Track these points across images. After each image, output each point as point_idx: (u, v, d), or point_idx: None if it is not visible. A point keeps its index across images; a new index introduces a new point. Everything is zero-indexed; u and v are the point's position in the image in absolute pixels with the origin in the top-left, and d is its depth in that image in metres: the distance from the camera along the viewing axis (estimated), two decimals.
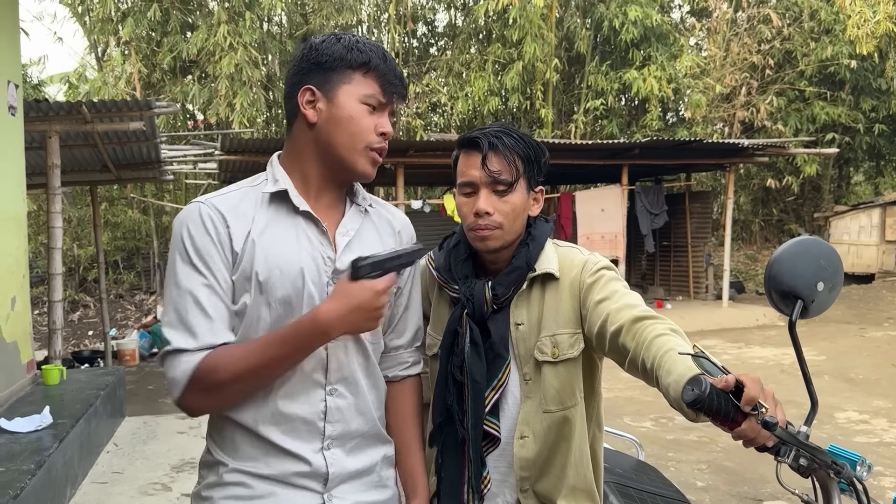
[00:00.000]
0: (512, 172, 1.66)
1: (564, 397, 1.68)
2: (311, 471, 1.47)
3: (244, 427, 1.46)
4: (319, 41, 1.51)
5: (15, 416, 4.37)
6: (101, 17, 15.59)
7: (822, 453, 1.28)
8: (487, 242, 1.68)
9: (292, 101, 1.52)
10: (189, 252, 1.42)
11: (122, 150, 8.48)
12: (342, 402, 1.51)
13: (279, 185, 1.50)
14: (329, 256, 1.50)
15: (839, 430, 6.09)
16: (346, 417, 1.51)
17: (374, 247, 1.56)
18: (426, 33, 19.64)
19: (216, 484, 1.48)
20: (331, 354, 1.49)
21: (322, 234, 1.50)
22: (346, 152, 1.49)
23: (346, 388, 1.52)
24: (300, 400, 1.47)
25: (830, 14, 16.68)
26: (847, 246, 17.20)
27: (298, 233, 1.49)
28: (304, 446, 1.47)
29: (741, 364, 9.02)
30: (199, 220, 1.44)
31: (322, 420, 1.48)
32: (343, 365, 1.51)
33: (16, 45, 5.34)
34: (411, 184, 16.37)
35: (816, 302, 1.42)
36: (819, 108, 17.28)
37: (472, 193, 1.68)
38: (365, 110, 1.48)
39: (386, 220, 1.64)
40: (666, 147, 12.25)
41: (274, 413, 1.46)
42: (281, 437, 1.46)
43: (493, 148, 1.66)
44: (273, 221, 1.48)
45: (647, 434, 6.04)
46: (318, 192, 1.54)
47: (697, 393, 1.20)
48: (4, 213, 4.94)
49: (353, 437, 1.53)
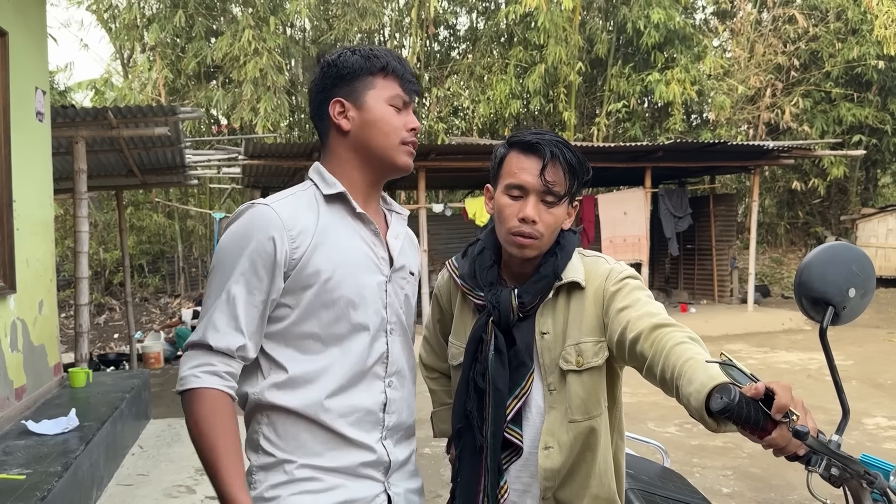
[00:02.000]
0: (565, 186, 1.66)
1: (590, 406, 1.66)
2: (375, 459, 1.55)
3: (309, 420, 1.50)
4: (336, 57, 1.59)
5: (42, 419, 4.42)
6: (127, 23, 15.79)
7: (855, 463, 1.26)
8: (525, 251, 1.67)
9: (323, 116, 1.59)
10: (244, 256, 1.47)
11: (148, 155, 8.56)
12: (397, 394, 1.60)
13: (337, 188, 1.57)
14: (383, 257, 1.60)
15: (868, 437, 5.99)
16: (399, 409, 1.61)
17: (411, 253, 1.71)
18: (448, 37, 19.66)
19: (286, 482, 1.50)
20: (390, 347, 1.60)
21: (375, 235, 1.60)
22: (384, 151, 1.57)
23: (399, 380, 1.62)
24: (365, 391, 1.55)
25: (857, 14, 16.47)
26: (874, 249, 16.92)
27: (356, 235, 1.57)
28: (368, 436, 1.54)
29: (767, 369, 8.91)
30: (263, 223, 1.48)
31: (382, 411, 1.57)
32: (397, 359, 1.61)
33: (44, 52, 5.41)
34: (432, 187, 16.38)
35: (848, 308, 1.40)
36: (845, 109, 17.06)
37: (520, 197, 1.67)
38: (392, 111, 1.57)
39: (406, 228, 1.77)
40: (689, 149, 12.15)
41: (342, 405, 1.51)
42: (348, 427, 1.52)
43: (553, 158, 1.64)
44: (334, 223, 1.55)
45: (672, 440, 5.99)
46: (364, 197, 1.61)
47: (726, 401, 1.18)
48: (32, 217, 5.00)
49: (401, 428, 1.63)
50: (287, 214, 1.50)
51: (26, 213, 4.83)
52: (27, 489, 3.34)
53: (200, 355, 1.46)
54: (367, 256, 1.57)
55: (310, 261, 1.49)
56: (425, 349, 2.08)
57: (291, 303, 1.51)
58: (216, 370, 1.46)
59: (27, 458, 3.81)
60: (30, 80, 4.96)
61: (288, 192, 1.59)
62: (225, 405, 1.45)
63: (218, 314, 1.47)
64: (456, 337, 1.82)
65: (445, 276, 1.89)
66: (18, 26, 4.74)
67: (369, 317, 1.55)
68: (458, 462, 1.75)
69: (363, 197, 1.61)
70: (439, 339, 2.00)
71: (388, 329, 1.59)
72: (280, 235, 1.47)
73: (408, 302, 1.67)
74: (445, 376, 2.00)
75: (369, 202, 1.63)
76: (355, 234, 1.57)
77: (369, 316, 1.55)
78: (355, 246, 1.56)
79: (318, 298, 1.50)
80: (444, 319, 1.94)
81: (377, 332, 1.57)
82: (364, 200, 1.61)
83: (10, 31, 4.51)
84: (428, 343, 2.07)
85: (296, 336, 1.52)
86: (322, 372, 1.51)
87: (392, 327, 1.61)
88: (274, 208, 1.50)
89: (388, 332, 1.59)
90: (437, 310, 1.97)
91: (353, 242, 1.56)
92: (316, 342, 1.52)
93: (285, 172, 11.31)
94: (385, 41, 18.50)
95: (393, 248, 1.63)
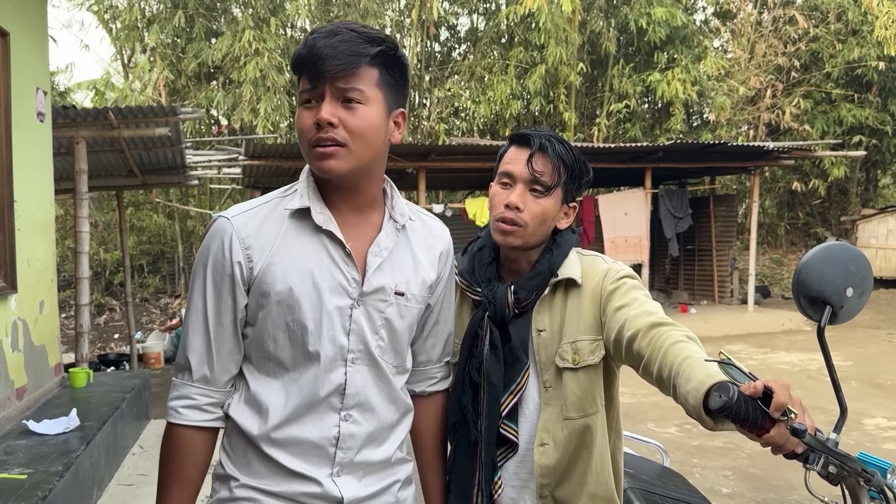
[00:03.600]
0: (553, 177, 1.67)
1: (585, 404, 1.67)
2: (322, 492, 1.43)
3: (255, 444, 1.43)
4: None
5: (43, 419, 4.42)
6: (128, 24, 15.79)
7: (852, 461, 1.26)
8: (508, 238, 1.69)
9: None
10: (207, 272, 1.42)
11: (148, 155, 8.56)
12: (356, 428, 1.46)
13: (303, 202, 1.43)
14: (354, 278, 1.43)
15: (867, 437, 5.99)
16: (358, 445, 1.46)
17: (407, 266, 1.51)
18: (448, 38, 19.67)
19: (228, 499, 1.46)
20: (349, 378, 1.44)
21: (345, 254, 1.43)
22: (306, 158, 1.42)
23: (361, 414, 1.46)
24: (314, 424, 1.43)
25: (858, 15, 16.49)
26: (875, 250, 16.93)
27: (321, 252, 1.42)
28: (314, 470, 1.43)
29: (767, 370, 8.91)
30: (218, 240, 1.41)
31: (334, 446, 1.44)
32: (360, 391, 1.46)
33: (44, 52, 5.42)
34: (433, 188, 16.37)
35: (846, 308, 1.40)
36: (846, 110, 17.08)
37: (509, 186, 1.70)
38: (304, 111, 1.39)
39: (424, 233, 1.58)
40: (690, 150, 12.15)
41: (283, 435, 1.42)
42: (290, 459, 1.42)
43: (542, 149, 1.67)
44: (295, 239, 1.42)
45: (672, 440, 5.99)
46: (345, 205, 1.46)
47: (725, 399, 1.19)
48: (33, 217, 5.01)
49: (366, 464, 1.48)
50: (246, 227, 1.41)
51: (27, 213, 4.83)
52: (28, 489, 3.35)
53: (182, 385, 1.44)
54: (330, 277, 1.41)
55: (264, 280, 1.39)
56: None
57: (251, 320, 1.43)
58: (197, 403, 1.43)
59: (28, 457, 3.82)
60: (31, 80, 4.97)
61: (260, 200, 1.48)
62: (196, 446, 1.43)
63: (193, 337, 1.43)
64: (455, 334, 1.83)
65: None
66: (20, 27, 4.75)
67: (323, 345, 1.41)
68: (453, 456, 1.76)
69: (343, 206, 1.46)
70: None
71: (347, 358, 1.44)
72: (237, 250, 1.40)
73: (389, 326, 1.48)
74: None
75: (356, 212, 1.48)
76: (319, 252, 1.42)
77: (323, 344, 1.41)
78: (316, 266, 1.41)
79: (271, 321, 1.41)
80: None
81: (332, 361, 1.42)
82: (348, 211, 1.47)
83: (11, 32, 4.52)
84: None
85: (255, 356, 1.45)
86: (272, 397, 1.43)
87: (355, 356, 1.44)
88: (233, 221, 1.41)
89: (347, 362, 1.44)
90: None
91: (315, 262, 1.41)
92: (271, 364, 1.44)
93: (285, 173, 11.31)
94: None
95: (369, 267, 1.45)
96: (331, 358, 1.42)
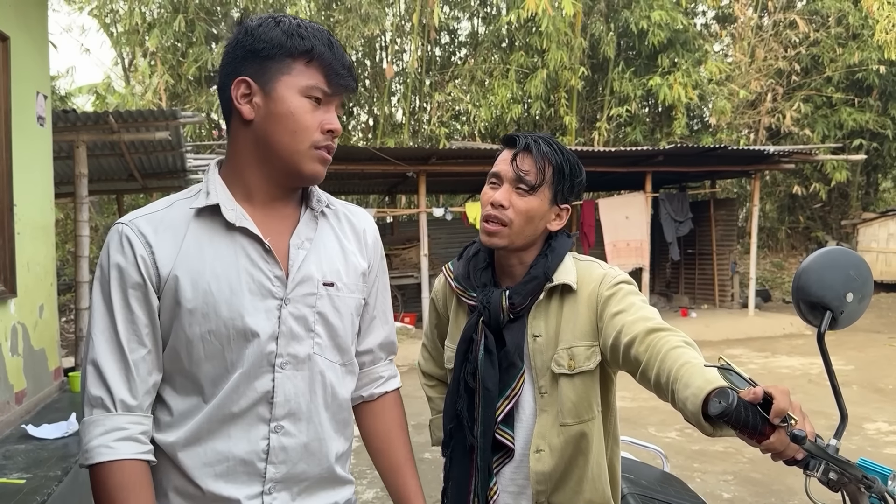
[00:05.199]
0: (538, 177, 1.67)
1: (581, 410, 1.67)
2: None
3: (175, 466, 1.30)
4: (256, 25, 1.31)
5: (42, 423, 4.41)
6: (128, 28, 15.82)
7: (853, 467, 1.26)
8: (493, 238, 1.69)
9: (226, 95, 1.33)
10: (111, 286, 1.27)
11: (149, 159, 8.58)
12: (289, 440, 1.32)
13: (210, 199, 1.31)
14: (277, 275, 1.32)
15: (868, 442, 5.98)
16: (292, 458, 1.33)
17: (334, 255, 1.41)
18: (449, 42, 19.69)
19: None
20: (278, 385, 1.31)
21: (265, 251, 1.31)
22: (288, 154, 1.31)
23: (294, 424, 1.33)
24: (239, 437, 1.30)
25: (858, 19, 16.50)
26: (875, 254, 16.92)
27: (237, 252, 1.30)
28: (240, 490, 1.29)
29: (768, 374, 8.90)
30: (118, 246, 1.28)
31: (263, 461, 1.31)
32: (291, 398, 1.32)
33: (45, 56, 5.42)
34: (433, 192, 16.38)
35: (846, 313, 1.40)
36: (846, 113, 17.08)
37: (497, 185, 1.71)
38: (307, 104, 1.30)
39: (346, 220, 1.47)
40: (690, 154, 12.15)
41: (208, 452, 1.29)
42: (211, 480, 1.29)
43: (526, 148, 1.68)
44: (205, 241, 1.30)
45: (672, 444, 5.98)
46: (265, 200, 1.36)
47: (725, 405, 1.18)
48: (33, 221, 5.01)
49: (301, 479, 1.35)
50: (148, 231, 1.29)
51: (27, 216, 4.83)
52: (27, 493, 3.34)
53: (106, 418, 1.25)
54: (249, 279, 1.29)
55: (174, 287, 1.27)
56: (424, 356, 2.08)
57: (164, 331, 1.30)
58: (130, 434, 1.25)
59: (27, 462, 3.81)
60: (31, 84, 4.97)
61: (161, 203, 1.36)
62: (144, 477, 1.25)
63: (106, 362, 1.26)
64: (451, 340, 1.83)
65: (441, 281, 1.90)
66: (20, 30, 4.75)
67: (246, 353, 1.29)
68: (449, 462, 1.76)
69: (262, 201, 1.35)
70: (437, 345, 2.00)
71: (276, 364, 1.31)
72: (141, 255, 1.27)
73: (325, 321, 1.37)
74: (443, 384, 2.00)
75: (272, 206, 1.37)
76: (235, 252, 1.30)
77: (246, 352, 1.29)
78: (233, 268, 1.29)
79: (183, 332, 1.27)
80: (441, 324, 1.95)
81: (256, 368, 1.29)
82: (264, 205, 1.35)
83: (11, 36, 4.52)
84: (426, 350, 2.07)
85: (169, 369, 1.31)
86: (188, 413, 1.30)
87: (285, 361, 1.32)
88: (133, 226, 1.29)
89: (276, 368, 1.31)
90: (434, 315, 1.97)
91: (230, 264, 1.29)
92: (187, 380, 1.30)
93: None
94: (386, 46, 18.54)
95: (293, 262, 1.33)
96: (255, 364, 1.29)
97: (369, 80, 18.43)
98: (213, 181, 1.34)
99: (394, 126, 18.49)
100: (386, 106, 18.36)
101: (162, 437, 1.30)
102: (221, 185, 1.34)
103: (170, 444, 1.29)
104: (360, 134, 19.63)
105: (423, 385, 2.07)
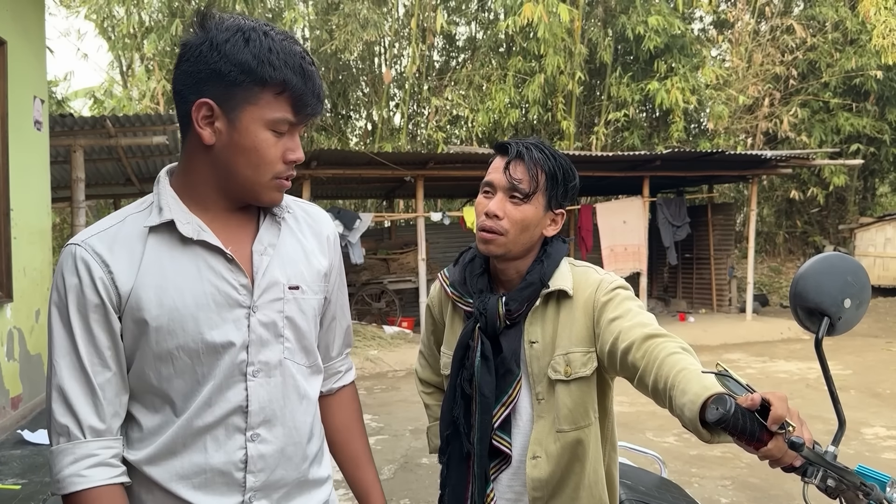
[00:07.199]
0: (531, 184, 1.66)
1: (578, 417, 1.66)
2: None
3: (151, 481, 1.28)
4: (223, 39, 1.23)
5: (38, 428, 4.41)
6: (125, 33, 15.82)
7: (851, 474, 1.25)
8: (489, 246, 1.68)
9: (185, 109, 1.26)
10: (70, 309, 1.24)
11: (146, 163, 8.58)
12: (266, 448, 1.32)
13: (164, 215, 1.27)
14: (243, 284, 1.29)
15: (866, 447, 5.97)
16: (270, 465, 1.32)
17: (297, 258, 1.38)
18: (446, 47, 19.72)
19: None
20: (251, 394, 1.30)
21: (227, 260, 1.28)
22: (249, 185, 1.28)
23: (270, 431, 1.32)
24: (213, 448, 1.28)
25: (855, 24, 16.54)
26: (873, 258, 16.94)
27: (199, 265, 1.27)
28: (219, 501, 1.29)
29: (766, 378, 8.90)
30: (73, 269, 1.24)
31: (241, 470, 1.29)
32: (266, 406, 1.32)
33: (42, 61, 5.42)
34: (431, 196, 16.39)
35: (843, 319, 1.39)
36: (844, 118, 17.12)
37: (490, 195, 1.70)
38: (271, 138, 1.25)
39: (305, 221, 1.45)
40: (688, 158, 12.17)
41: (184, 464, 1.27)
42: (192, 492, 1.27)
43: (519, 156, 1.67)
44: (165, 256, 1.26)
45: (670, 450, 5.97)
46: (222, 210, 1.32)
47: (722, 412, 1.17)
48: (30, 226, 5.00)
49: (280, 486, 1.35)
50: (103, 249, 1.25)
51: (24, 221, 4.83)
52: (22, 499, 3.33)
53: (76, 446, 1.23)
54: (214, 290, 1.27)
55: (136, 306, 1.23)
56: (420, 363, 2.07)
57: (128, 351, 1.27)
58: (102, 459, 1.23)
59: (23, 467, 3.80)
60: (28, 89, 4.97)
61: (113, 220, 1.31)
62: (117, 501, 1.24)
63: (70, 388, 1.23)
64: (447, 346, 1.82)
65: (437, 288, 1.90)
66: (17, 35, 4.75)
67: (216, 365, 1.27)
68: (446, 469, 1.75)
69: (216, 214, 1.31)
70: (434, 351, 1.99)
71: (248, 372, 1.29)
72: (98, 275, 1.23)
73: (293, 325, 1.36)
74: (440, 391, 1.99)
75: (229, 217, 1.33)
76: (197, 265, 1.27)
77: (216, 364, 1.27)
78: (196, 281, 1.26)
79: (150, 350, 1.25)
80: (437, 331, 1.94)
81: (228, 378, 1.28)
82: (220, 217, 1.32)
83: (8, 41, 4.52)
84: (423, 357, 2.06)
85: (137, 388, 1.29)
86: (158, 429, 1.28)
87: (257, 369, 1.30)
88: (86, 246, 1.25)
89: (248, 376, 1.29)
90: (430, 322, 1.96)
91: (193, 277, 1.26)
92: (156, 398, 1.29)
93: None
94: (385, 51, 18.56)
95: (257, 269, 1.31)
96: (227, 375, 1.28)
97: (367, 85, 18.45)
98: (164, 194, 1.30)
99: (392, 131, 18.50)
100: (384, 110, 18.38)
101: (133, 454, 1.29)
102: (174, 197, 1.30)
103: (140, 460, 1.28)
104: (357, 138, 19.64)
105: (420, 392, 2.06)
